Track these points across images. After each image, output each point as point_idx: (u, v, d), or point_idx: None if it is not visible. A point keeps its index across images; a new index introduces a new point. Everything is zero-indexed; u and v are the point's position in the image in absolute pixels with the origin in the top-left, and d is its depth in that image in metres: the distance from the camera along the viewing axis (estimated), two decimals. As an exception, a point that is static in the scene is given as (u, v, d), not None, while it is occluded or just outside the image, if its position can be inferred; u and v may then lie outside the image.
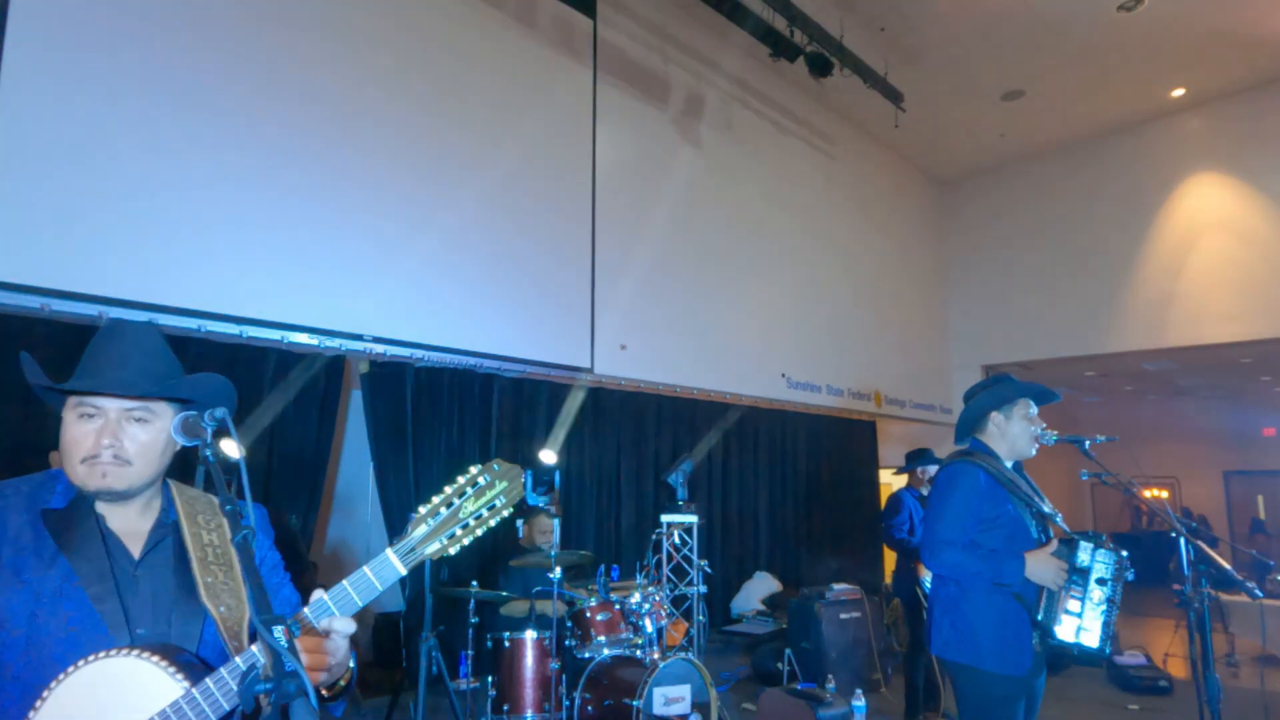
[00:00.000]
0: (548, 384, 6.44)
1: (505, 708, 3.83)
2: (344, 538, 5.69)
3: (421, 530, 1.28)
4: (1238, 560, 10.54)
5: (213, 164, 4.57)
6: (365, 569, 1.25)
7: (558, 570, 3.93)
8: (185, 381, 1.35)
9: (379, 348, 5.25)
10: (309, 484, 5.06)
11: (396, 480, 5.39)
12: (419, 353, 5.47)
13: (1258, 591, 2.46)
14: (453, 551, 1.30)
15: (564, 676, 3.87)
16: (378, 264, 5.27)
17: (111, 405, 1.28)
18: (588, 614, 3.98)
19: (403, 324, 5.37)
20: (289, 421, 4.96)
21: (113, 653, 1.14)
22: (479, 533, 1.32)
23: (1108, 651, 2.33)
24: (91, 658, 1.14)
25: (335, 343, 5.06)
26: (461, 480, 1.33)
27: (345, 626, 1.22)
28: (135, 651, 1.15)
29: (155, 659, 1.14)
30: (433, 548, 1.28)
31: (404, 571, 1.26)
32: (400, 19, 5.60)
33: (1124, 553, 2.37)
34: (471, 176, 5.89)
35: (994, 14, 7.81)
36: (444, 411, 5.70)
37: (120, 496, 1.29)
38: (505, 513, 1.34)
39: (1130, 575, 2.39)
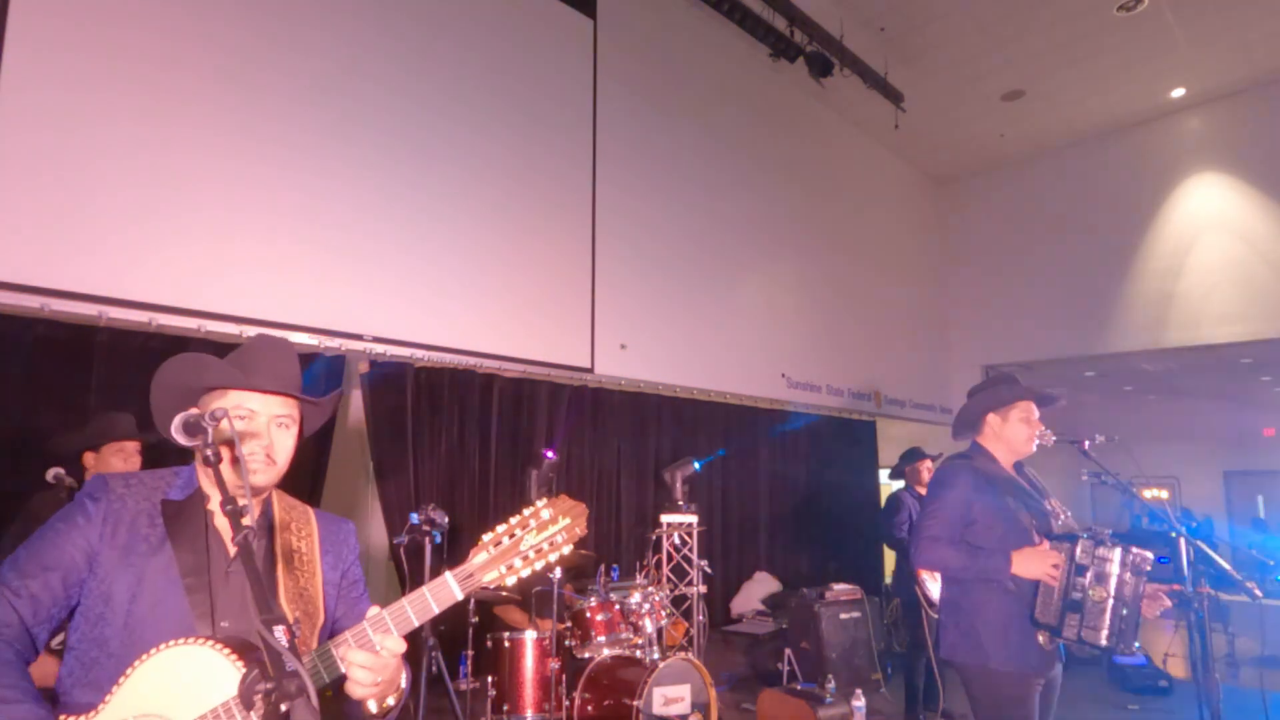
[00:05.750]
0: (548, 384, 6.44)
1: (505, 708, 3.82)
2: (344, 538, 5.68)
3: (482, 557, 1.29)
4: (1237, 560, 10.53)
5: (213, 164, 4.57)
6: (425, 590, 1.28)
7: (557, 570, 3.93)
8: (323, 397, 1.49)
9: (379, 348, 5.25)
10: (309, 484, 5.05)
11: (396, 480, 5.38)
12: (419, 353, 5.47)
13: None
14: (509, 582, 1.31)
15: (564, 676, 3.87)
16: (378, 264, 5.27)
17: (263, 409, 1.37)
18: (588, 614, 3.98)
19: (403, 324, 5.37)
20: (289, 421, 4.94)
21: (191, 641, 1.19)
22: (537, 566, 1.33)
23: (1120, 649, 2.26)
24: (172, 643, 1.19)
25: (335, 343, 5.06)
26: (525, 513, 1.33)
27: (395, 645, 1.25)
28: (211, 643, 1.19)
29: (227, 652, 1.18)
30: (491, 575, 1.29)
31: (461, 596, 1.29)
32: (401, 19, 5.60)
33: (1130, 549, 2.31)
34: (472, 176, 5.89)
35: (994, 14, 7.82)
36: (444, 411, 5.70)
37: (257, 493, 1.39)
38: (564, 549, 1.34)
39: (1148, 567, 2.33)
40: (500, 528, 1.32)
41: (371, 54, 5.41)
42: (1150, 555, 2.35)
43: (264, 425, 1.37)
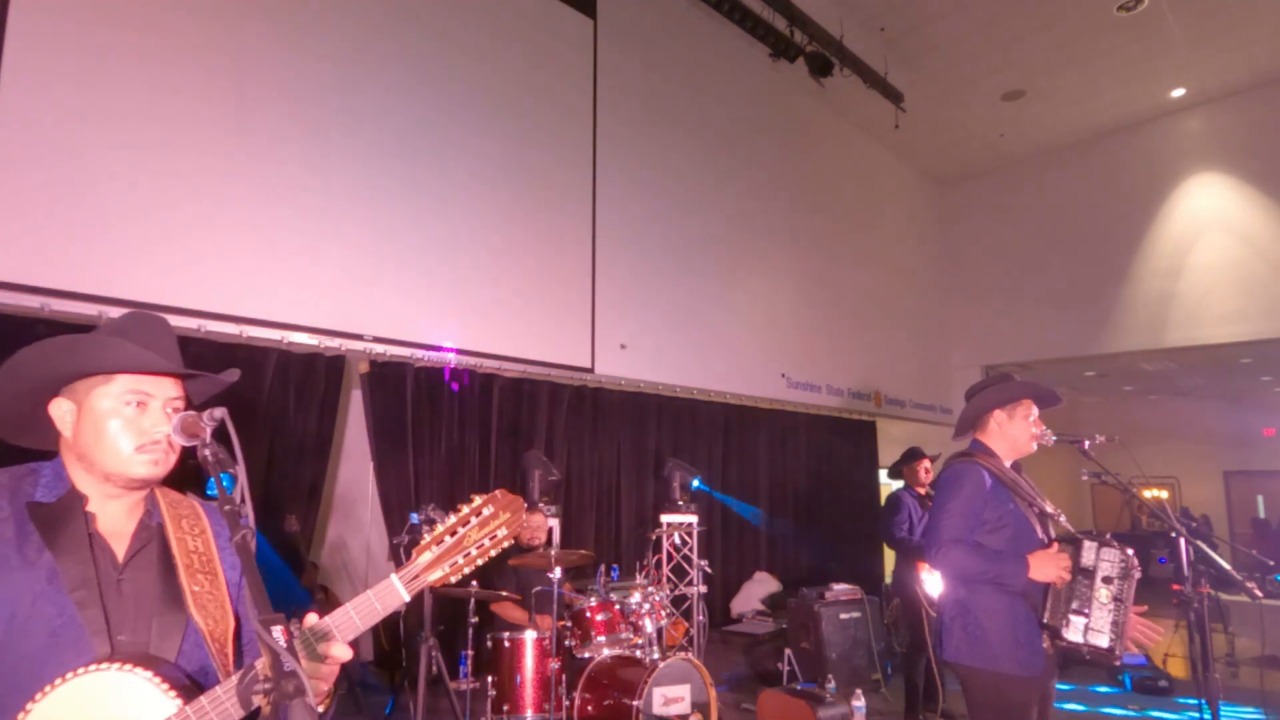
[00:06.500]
0: (548, 384, 6.44)
1: (505, 708, 3.82)
2: (344, 538, 5.68)
3: (426, 557, 1.29)
4: (1237, 560, 10.53)
5: (213, 164, 4.57)
6: (370, 593, 1.24)
7: (557, 570, 3.93)
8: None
9: (379, 348, 5.25)
10: (309, 484, 5.05)
11: (396, 480, 5.39)
12: (419, 353, 5.47)
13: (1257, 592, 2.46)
14: (454, 580, 1.30)
15: (564, 676, 3.87)
16: (378, 264, 5.27)
17: (159, 393, 1.25)
18: (587, 614, 3.98)
19: (403, 324, 5.37)
20: (289, 421, 4.96)
21: (102, 666, 1.09)
22: (480, 562, 1.33)
23: (1118, 651, 2.29)
24: (81, 670, 1.08)
25: (335, 343, 5.06)
26: (465, 509, 1.33)
27: (341, 652, 1.18)
28: (127, 666, 1.09)
29: (147, 674, 1.09)
30: (436, 575, 1.28)
31: (407, 598, 1.26)
32: (400, 20, 5.60)
33: (1129, 551, 2.35)
34: (472, 176, 5.89)
35: (994, 14, 7.81)
36: (444, 411, 5.71)
37: (146, 486, 1.27)
38: (506, 544, 1.35)
39: (1139, 574, 2.36)
40: (441, 526, 1.30)
41: (371, 54, 5.41)
42: (1130, 553, 2.37)
43: (159, 409, 1.25)
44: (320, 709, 1.24)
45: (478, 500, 1.33)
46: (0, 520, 1.17)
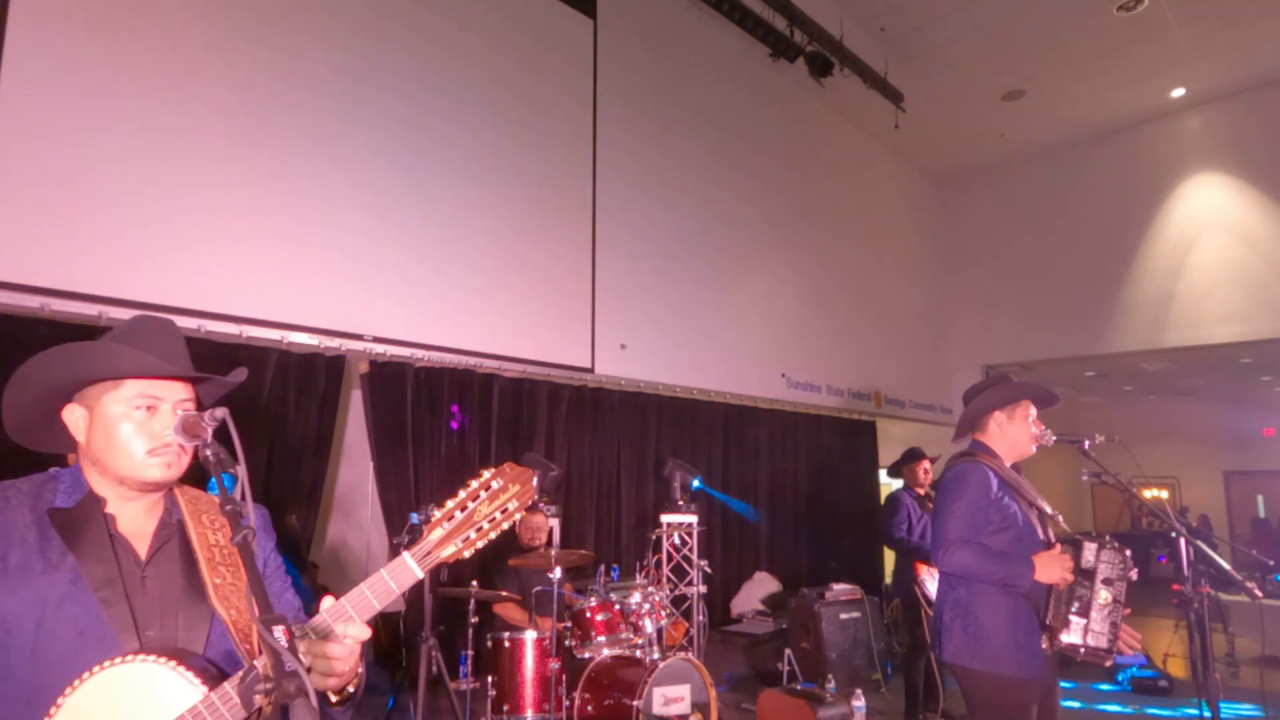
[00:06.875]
0: (548, 384, 6.44)
1: (505, 708, 3.83)
2: (344, 538, 5.68)
3: (437, 533, 1.28)
4: (1237, 560, 10.53)
5: (213, 164, 4.57)
6: (383, 572, 1.23)
7: (557, 570, 3.93)
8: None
9: (379, 348, 5.25)
10: (309, 484, 5.05)
11: (396, 480, 5.39)
12: (419, 353, 5.48)
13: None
14: (467, 555, 1.30)
15: (564, 676, 3.87)
16: (378, 264, 5.28)
17: (169, 396, 1.27)
18: (587, 614, 3.98)
19: (403, 324, 5.37)
20: (289, 421, 4.96)
21: (128, 658, 1.11)
22: (492, 536, 1.32)
23: (1116, 652, 2.30)
24: (107, 664, 1.10)
25: (335, 343, 5.07)
26: (475, 484, 1.31)
27: (360, 632, 1.19)
28: (152, 657, 1.12)
29: (172, 664, 1.12)
30: (448, 551, 1.28)
31: (421, 575, 1.25)
32: (400, 21, 5.60)
33: (1128, 552, 2.36)
34: (472, 176, 5.89)
35: (994, 14, 7.82)
36: (444, 411, 5.71)
37: (161, 488, 1.29)
38: (517, 516, 1.34)
39: (1135, 576, 2.37)
40: (451, 501, 1.30)
41: (370, 56, 5.40)
42: (1129, 555, 2.37)
43: (169, 412, 1.26)
44: (350, 689, 1.26)
45: (486, 474, 1.32)
46: (23, 527, 1.20)
